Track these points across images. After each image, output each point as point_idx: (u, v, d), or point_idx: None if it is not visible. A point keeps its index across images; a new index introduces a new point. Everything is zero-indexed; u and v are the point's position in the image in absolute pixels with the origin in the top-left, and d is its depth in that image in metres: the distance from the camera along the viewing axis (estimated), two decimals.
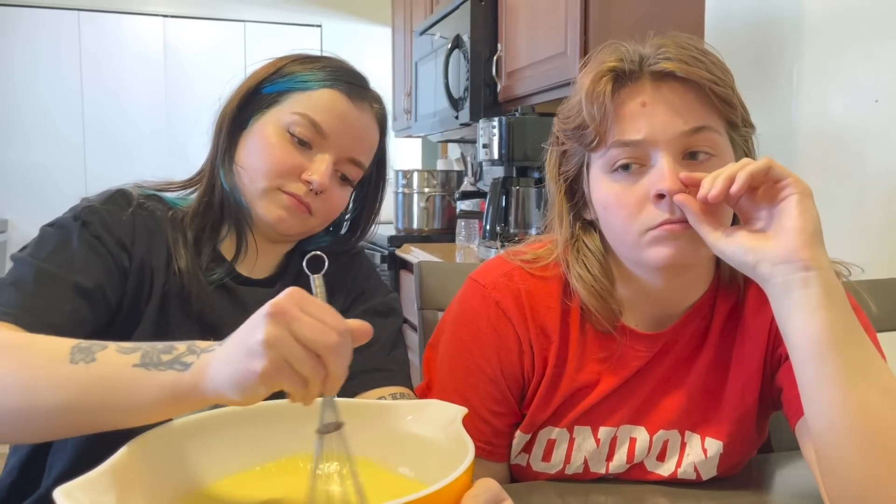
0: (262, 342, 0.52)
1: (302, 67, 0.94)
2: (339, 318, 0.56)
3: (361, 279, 1.03)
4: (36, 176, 4.18)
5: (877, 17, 1.60)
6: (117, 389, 0.60)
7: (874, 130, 1.62)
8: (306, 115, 0.90)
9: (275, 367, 0.52)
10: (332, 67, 0.95)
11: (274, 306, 0.53)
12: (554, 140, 0.90)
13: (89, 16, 4.28)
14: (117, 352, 0.62)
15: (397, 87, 3.94)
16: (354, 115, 0.93)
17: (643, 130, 0.78)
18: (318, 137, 0.91)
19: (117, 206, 0.89)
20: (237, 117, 0.94)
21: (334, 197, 0.94)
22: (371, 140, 0.97)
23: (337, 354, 0.54)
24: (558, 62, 2.15)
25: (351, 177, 0.95)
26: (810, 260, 0.69)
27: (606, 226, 0.85)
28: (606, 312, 0.87)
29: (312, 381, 0.54)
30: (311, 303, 0.55)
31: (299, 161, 0.90)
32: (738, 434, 0.89)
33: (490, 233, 2.49)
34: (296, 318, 0.53)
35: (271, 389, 0.54)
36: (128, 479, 0.55)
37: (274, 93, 0.93)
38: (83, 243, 0.83)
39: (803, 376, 0.71)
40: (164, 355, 0.60)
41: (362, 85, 0.96)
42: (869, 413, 0.67)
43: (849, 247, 0.91)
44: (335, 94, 0.92)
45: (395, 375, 0.93)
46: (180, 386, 0.58)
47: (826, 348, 0.68)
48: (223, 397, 0.56)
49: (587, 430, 0.91)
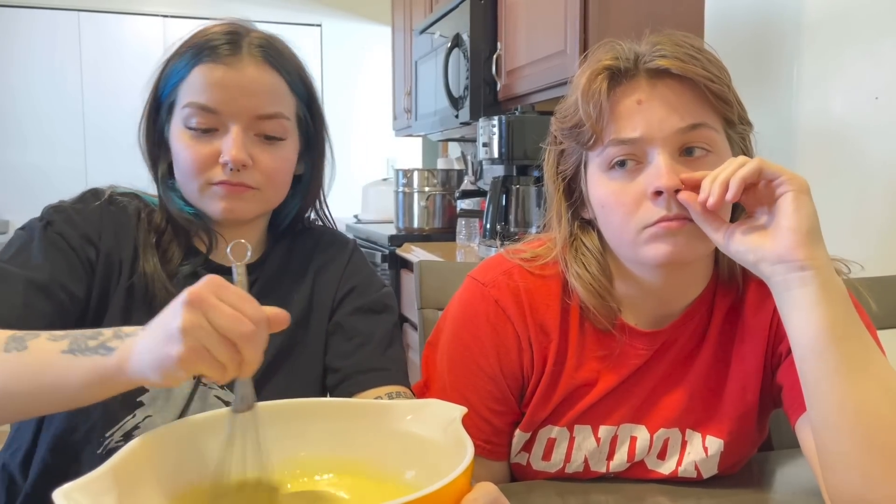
0: (180, 328, 0.55)
1: (175, 56, 0.91)
2: (256, 307, 0.57)
3: (353, 275, 1.01)
4: (36, 177, 4.19)
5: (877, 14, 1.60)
6: (46, 375, 0.64)
7: (874, 127, 1.61)
8: (192, 104, 0.87)
9: (192, 352, 0.55)
10: (193, 42, 0.90)
11: (191, 294, 0.56)
12: (552, 139, 0.90)
13: (89, 16, 4.28)
14: (48, 339, 0.66)
15: (397, 87, 3.94)
16: (232, 75, 0.87)
17: (640, 128, 0.78)
18: (213, 118, 0.87)
19: (85, 203, 0.91)
20: (154, 137, 0.94)
21: (266, 160, 0.89)
22: (268, 86, 0.89)
23: (251, 342, 0.56)
24: (558, 61, 2.15)
25: (276, 132, 0.90)
26: (807, 259, 0.70)
27: (604, 224, 0.85)
28: (605, 311, 0.88)
29: (229, 366, 0.56)
30: (230, 291, 0.57)
31: (210, 149, 0.88)
32: (739, 432, 0.89)
33: (490, 231, 2.49)
34: (213, 306, 0.55)
35: (191, 373, 0.57)
36: (128, 480, 0.55)
37: (167, 96, 0.91)
38: (44, 241, 0.85)
39: (804, 373, 0.72)
40: (90, 341, 0.64)
41: (227, 40, 0.89)
42: (867, 410, 0.68)
43: (849, 244, 0.91)
44: (204, 67, 0.88)
45: (392, 374, 0.93)
46: (105, 370, 0.62)
47: (824, 345, 0.69)
48: (146, 380, 0.60)
49: (587, 429, 0.91)
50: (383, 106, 4.40)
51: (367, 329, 0.96)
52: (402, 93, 3.74)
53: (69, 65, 4.26)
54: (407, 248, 2.81)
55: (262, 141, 0.90)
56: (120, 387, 0.64)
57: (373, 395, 0.90)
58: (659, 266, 0.82)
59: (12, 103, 4.17)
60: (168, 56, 0.92)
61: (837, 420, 0.69)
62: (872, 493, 0.68)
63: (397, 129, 4.05)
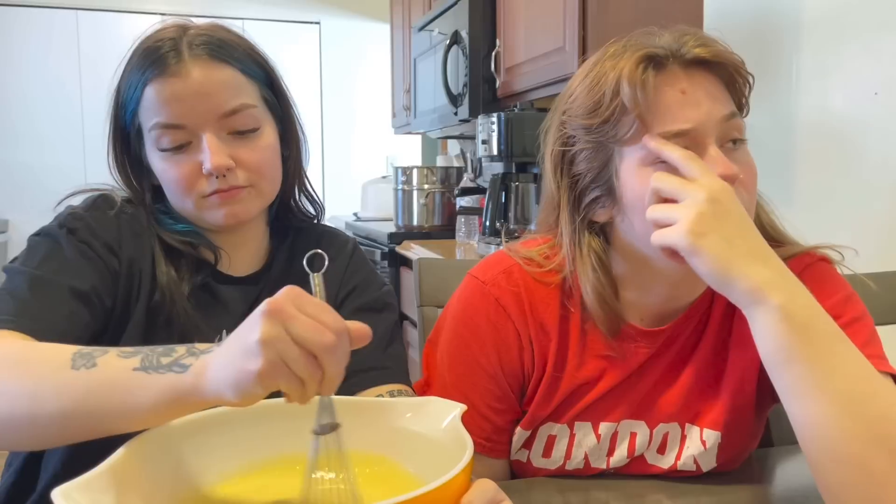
0: (259, 341, 0.52)
1: (124, 82, 0.89)
2: (337, 318, 0.55)
3: (353, 274, 1.01)
4: (35, 176, 4.18)
5: (876, 9, 1.60)
6: (118, 393, 0.60)
7: (874, 123, 1.61)
8: (157, 124, 0.85)
9: (271, 366, 0.52)
10: (136, 60, 0.87)
11: (270, 304, 0.53)
12: (558, 141, 0.87)
13: (87, 15, 4.28)
14: (118, 356, 0.62)
15: (396, 84, 3.94)
16: (183, 84, 0.84)
17: (692, 119, 0.77)
18: (181, 133, 0.85)
19: (101, 211, 0.89)
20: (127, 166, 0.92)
21: (248, 156, 0.87)
22: (221, 82, 0.86)
23: (333, 355, 0.53)
24: (557, 57, 2.15)
25: (247, 125, 0.88)
26: (741, 298, 0.71)
27: (643, 221, 0.79)
28: (610, 322, 0.87)
29: (309, 382, 0.54)
30: (309, 302, 0.55)
31: (191, 165, 0.86)
32: (736, 424, 0.89)
33: (490, 229, 2.49)
34: (292, 317, 0.53)
35: (269, 390, 0.54)
36: (126, 480, 0.55)
37: (130, 124, 0.90)
38: (72, 249, 0.83)
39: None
40: (163, 358, 0.60)
41: (170, 48, 0.86)
42: (825, 426, 0.68)
43: (848, 240, 0.91)
44: (154, 85, 0.85)
45: (392, 373, 0.93)
46: (179, 388, 0.58)
47: (773, 367, 0.72)
48: (222, 398, 0.56)
49: (588, 426, 0.91)
50: (382, 103, 4.40)
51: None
52: (401, 90, 3.74)
53: (67, 63, 4.26)
54: (406, 246, 2.81)
55: (237, 137, 0.87)
56: (194, 407, 0.61)
57: (374, 394, 0.89)
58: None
59: (10, 102, 4.16)
60: (117, 82, 0.90)
61: (801, 434, 0.71)
62: (852, 499, 0.68)
63: (396, 127, 4.05)
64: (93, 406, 0.61)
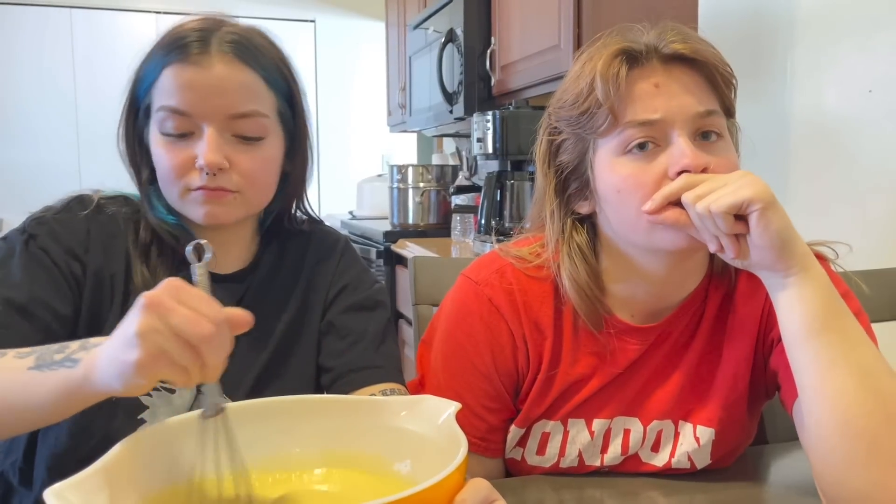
0: (136, 333, 0.53)
1: (145, 60, 0.87)
2: (216, 308, 0.56)
3: (344, 273, 1.00)
4: (30, 175, 4.17)
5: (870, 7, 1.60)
6: (15, 392, 0.63)
7: (868, 121, 1.62)
8: (164, 107, 0.84)
9: (150, 357, 0.53)
10: (163, 44, 0.86)
11: (148, 298, 0.54)
12: (546, 132, 0.89)
13: (82, 13, 4.26)
14: (14, 357, 0.65)
15: (391, 82, 3.94)
16: (202, 75, 0.83)
17: (660, 110, 0.78)
18: (187, 121, 0.84)
19: (70, 214, 0.88)
20: (135, 145, 0.91)
21: (245, 162, 0.86)
22: (240, 84, 0.85)
23: (212, 344, 0.55)
24: (552, 55, 2.15)
25: (253, 132, 0.86)
26: (785, 269, 0.74)
27: (617, 211, 0.83)
28: (593, 315, 0.87)
29: (191, 370, 0.55)
30: (189, 293, 0.55)
31: (186, 154, 0.84)
32: (730, 420, 0.90)
33: (485, 227, 2.49)
34: (170, 309, 0.54)
35: (152, 379, 0.55)
36: (119, 479, 0.55)
37: (142, 99, 0.88)
38: (25, 258, 0.83)
39: (791, 362, 0.76)
40: (56, 355, 0.63)
41: (200, 38, 0.84)
42: (844, 397, 0.70)
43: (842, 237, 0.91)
44: (173, 68, 0.84)
45: (386, 371, 0.93)
46: (71, 382, 0.61)
47: (804, 338, 0.73)
48: (110, 389, 0.58)
49: (581, 423, 0.91)
50: (377, 102, 4.40)
51: (360, 327, 0.96)
52: (397, 88, 3.74)
53: (61, 61, 4.24)
54: (402, 244, 2.81)
55: (240, 142, 0.86)
56: (88, 399, 0.62)
57: (367, 393, 0.89)
58: (673, 252, 0.81)
59: (4, 100, 4.15)
60: (143, 57, 0.89)
61: (817, 407, 0.72)
62: (856, 479, 0.69)
63: (392, 125, 4.05)
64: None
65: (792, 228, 0.74)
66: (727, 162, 0.79)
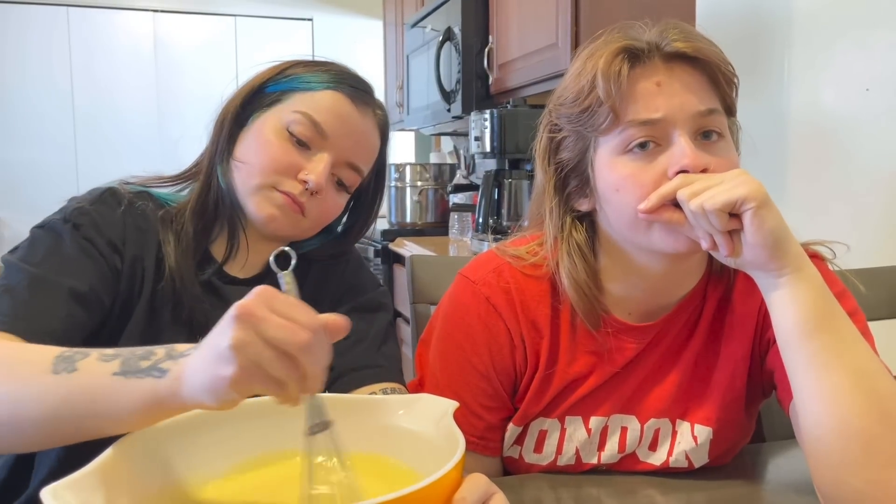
0: (230, 347, 0.51)
1: (306, 69, 0.94)
2: (311, 315, 0.54)
3: (349, 275, 1.01)
4: (27, 174, 4.16)
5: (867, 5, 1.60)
6: (98, 398, 0.59)
7: (865, 119, 1.62)
8: (307, 115, 0.89)
9: (245, 371, 0.51)
10: (336, 71, 0.94)
11: (240, 308, 0.51)
12: (547, 129, 0.89)
13: (78, 11, 4.25)
14: (98, 360, 0.61)
15: (389, 81, 3.93)
16: (356, 118, 0.92)
17: (662, 109, 0.78)
18: (317, 137, 0.89)
19: (107, 206, 0.88)
20: (239, 115, 0.93)
21: (329, 200, 0.92)
22: (371, 146, 0.95)
23: (310, 353, 0.52)
24: (549, 54, 2.15)
25: (348, 182, 0.94)
26: (778, 269, 0.74)
27: (617, 209, 0.82)
28: (590, 314, 0.87)
29: (289, 382, 0.53)
30: (280, 301, 0.53)
31: (297, 160, 0.89)
32: (728, 419, 0.90)
33: (483, 226, 2.49)
34: (263, 319, 0.51)
35: (245, 394, 0.53)
36: (116, 479, 0.55)
37: (277, 92, 0.92)
38: (75, 246, 0.83)
39: (785, 363, 0.75)
40: (142, 362, 0.59)
41: (366, 90, 0.95)
42: (839, 398, 0.70)
43: (839, 235, 0.91)
44: (338, 95, 0.91)
45: (386, 371, 0.93)
46: (159, 393, 0.57)
47: (798, 338, 0.73)
48: (200, 403, 0.55)
49: (578, 420, 0.91)
50: None
51: (361, 328, 0.96)
52: (394, 87, 3.74)
53: (58, 60, 4.23)
54: (399, 243, 2.81)
55: (335, 183, 0.93)
56: (175, 411, 0.60)
57: (367, 392, 0.89)
58: (670, 254, 0.81)
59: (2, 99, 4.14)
60: (291, 63, 0.95)
61: (812, 408, 0.72)
62: (853, 479, 0.69)
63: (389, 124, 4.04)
64: (73, 411, 0.60)
65: (786, 228, 0.74)
66: (728, 162, 0.79)
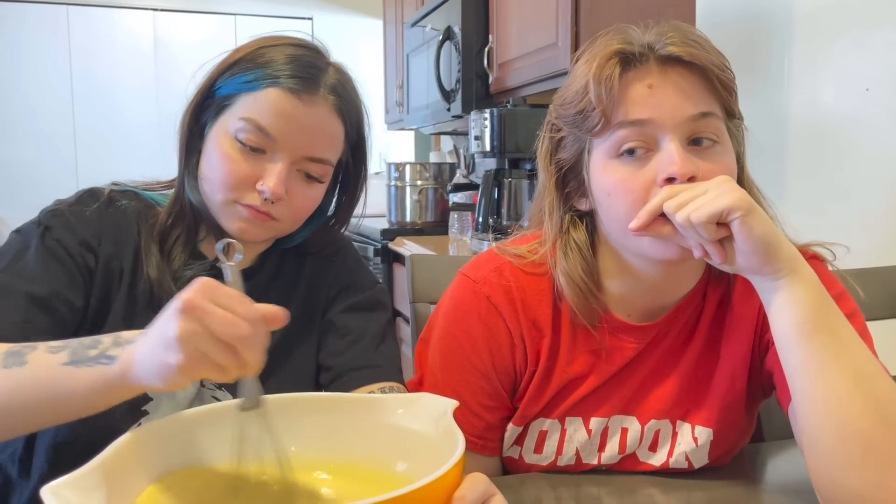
0: (176, 338, 0.54)
1: (250, 64, 0.87)
2: (251, 307, 0.57)
3: (346, 272, 1.00)
4: (26, 172, 4.16)
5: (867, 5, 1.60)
6: (49, 389, 0.64)
7: (865, 119, 1.62)
8: (252, 120, 0.85)
9: (191, 359, 0.55)
10: (278, 61, 0.87)
11: (185, 302, 0.55)
12: (548, 128, 0.89)
13: (78, 10, 4.25)
14: (46, 352, 0.65)
15: (389, 80, 3.93)
16: (302, 112, 0.85)
17: (651, 110, 0.78)
18: (267, 142, 0.85)
19: (83, 206, 0.89)
20: (194, 126, 0.91)
21: (298, 198, 0.89)
22: (329, 135, 0.89)
23: (249, 344, 0.56)
24: (549, 53, 2.15)
25: (317, 174, 0.89)
26: (773, 273, 0.74)
27: (608, 213, 0.83)
28: (587, 311, 0.87)
29: (230, 368, 0.57)
30: (223, 293, 0.57)
31: (253, 170, 0.85)
32: (728, 421, 0.90)
33: (483, 225, 2.49)
34: (207, 312, 0.55)
35: (192, 379, 0.57)
36: (116, 476, 0.55)
37: (224, 96, 0.88)
38: (41, 250, 0.83)
39: (783, 365, 0.75)
40: (90, 350, 0.63)
41: (310, 75, 0.87)
42: (837, 400, 0.70)
43: (839, 235, 0.91)
44: (280, 93, 0.85)
45: (384, 371, 0.93)
46: (108, 379, 0.62)
47: (794, 340, 0.72)
48: (150, 387, 0.60)
49: (578, 421, 0.91)
50: (375, 99, 4.39)
51: (359, 326, 0.96)
52: (394, 86, 3.73)
53: (58, 59, 4.23)
54: (399, 242, 2.81)
55: (302, 177, 0.89)
56: (126, 394, 0.64)
57: (366, 391, 0.89)
58: (662, 260, 0.81)
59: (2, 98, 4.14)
60: (237, 56, 0.89)
61: (811, 409, 0.72)
62: (852, 480, 0.69)
63: (389, 123, 4.04)
64: (27, 403, 0.65)
65: (776, 232, 0.73)
66: (720, 168, 0.78)
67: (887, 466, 0.68)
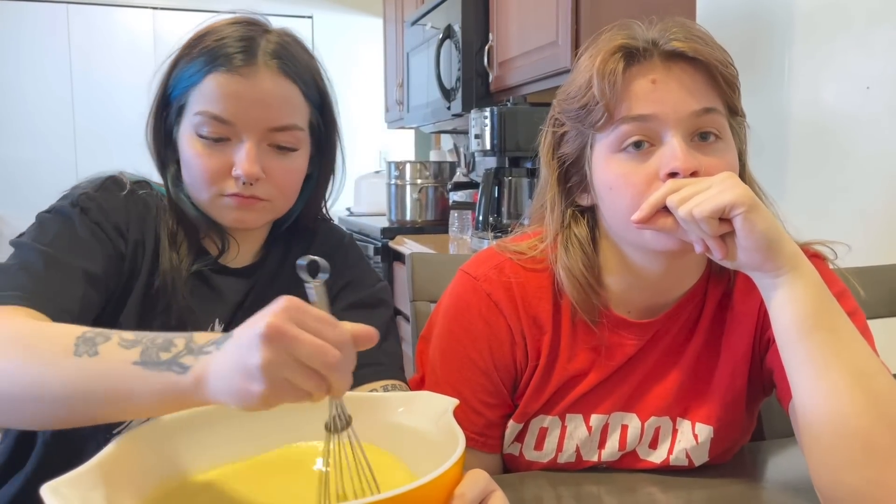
0: (260, 367, 0.50)
1: (188, 59, 0.87)
2: (340, 330, 0.54)
3: (347, 269, 1.00)
4: (26, 171, 4.16)
5: (868, 3, 1.60)
6: (117, 387, 0.60)
7: (865, 117, 1.62)
8: (205, 112, 0.85)
9: (275, 388, 0.51)
10: (207, 46, 0.86)
11: (269, 328, 0.51)
12: (551, 123, 0.89)
13: (78, 9, 4.25)
14: (119, 345, 0.61)
15: (389, 79, 3.93)
16: (247, 87, 0.84)
17: (655, 106, 0.78)
18: (226, 128, 0.85)
19: (110, 193, 0.89)
20: (161, 136, 0.91)
21: (278, 172, 0.88)
22: (282, 98, 0.87)
23: (337, 370, 0.53)
24: (549, 52, 2.15)
25: (289, 143, 0.88)
26: (775, 270, 0.74)
27: (610, 208, 0.83)
28: (588, 306, 0.87)
29: (316, 394, 0.53)
30: (309, 316, 0.53)
31: (223, 161, 0.86)
32: (728, 418, 0.90)
33: (483, 224, 2.49)
34: (294, 339, 0.51)
35: (274, 405, 0.53)
36: (116, 475, 0.55)
37: (178, 97, 0.88)
38: (85, 229, 0.83)
39: (784, 362, 0.75)
40: (162, 353, 0.59)
41: (246, 48, 0.86)
42: (837, 396, 0.70)
43: (839, 234, 0.91)
44: (220, 76, 0.84)
45: (386, 369, 0.92)
46: (179, 389, 0.57)
47: (796, 337, 0.73)
48: (225, 404, 0.55)
49: (579, 418, 0.91)
50: (375, 98, 4.39)
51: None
52: (394, 85, 3.73)
53: (58, 57, 4.23)
54: (399, 241, 2.81)
55: (275, 151, 0.88)
56: (195, 405, 0.59)
57: (368, 389, 0.89)
58: (665, 252, 0.81)
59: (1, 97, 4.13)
60: (178, 54, 0.89)
61: (811, 407, 0.72)
62: (852, 478, 0.69)
63: (389, 122, 4.04)
64: (94, 395, 0.60)
65: (778, 229, 0.73)
66: (723, 163, 0.78)
67: (886, 464, 0.68)
